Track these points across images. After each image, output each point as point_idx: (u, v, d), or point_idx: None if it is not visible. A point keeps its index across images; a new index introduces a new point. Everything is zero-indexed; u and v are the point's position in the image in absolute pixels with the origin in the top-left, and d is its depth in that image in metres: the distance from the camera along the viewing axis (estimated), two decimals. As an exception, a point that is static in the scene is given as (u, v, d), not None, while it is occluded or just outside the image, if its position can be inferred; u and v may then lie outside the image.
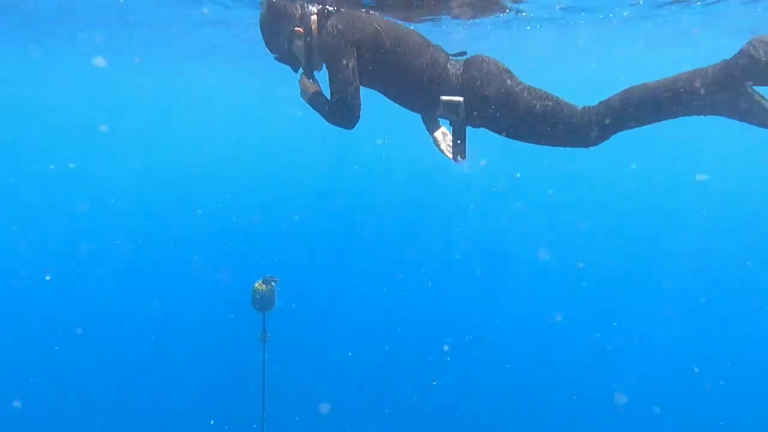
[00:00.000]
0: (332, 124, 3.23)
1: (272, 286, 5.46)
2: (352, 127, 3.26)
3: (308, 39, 3.36)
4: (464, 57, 3.35)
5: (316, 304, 13.61)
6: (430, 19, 7.43)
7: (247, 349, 6.88)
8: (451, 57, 3.34)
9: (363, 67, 3.18)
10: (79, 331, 11.53)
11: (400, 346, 12.34)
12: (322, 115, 3.28)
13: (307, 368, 11.19)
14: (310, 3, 3.48)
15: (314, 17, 3.43)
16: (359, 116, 3.19)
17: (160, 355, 11.30)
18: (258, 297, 5.44)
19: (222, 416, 10.09)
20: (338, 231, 19.75)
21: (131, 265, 15.86)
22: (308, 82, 3.39)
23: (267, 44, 3.63)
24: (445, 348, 12.19)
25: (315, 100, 3.34)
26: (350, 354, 11.85)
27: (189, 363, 11.16)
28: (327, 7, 3.47)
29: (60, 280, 14.31)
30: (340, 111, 3.10)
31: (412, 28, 3.48)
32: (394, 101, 3.46)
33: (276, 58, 3.63)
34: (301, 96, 3.44)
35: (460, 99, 3.10)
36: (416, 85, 3.20)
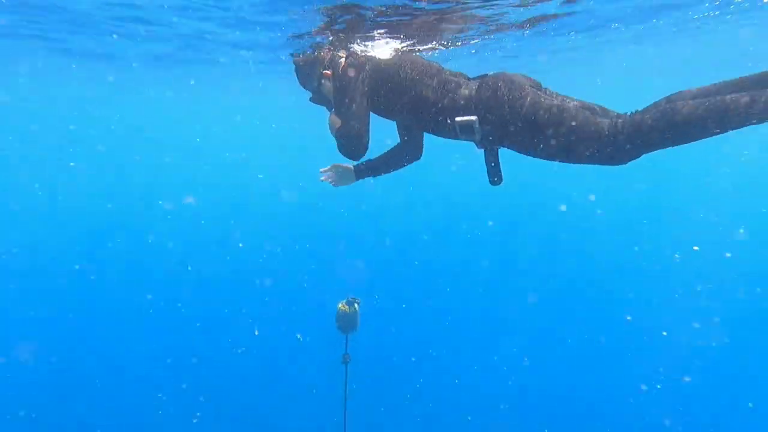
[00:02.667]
0: (341, 154, 3.46)
1: (355, 307, 5.48)
2: (358, 159, 3.49)
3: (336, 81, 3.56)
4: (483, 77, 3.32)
5: (399, 325, 13.55)
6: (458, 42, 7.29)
7: (330, 371, 6.92)
8: (470, 80, 3.33)
9: (382, 100, 3.41)
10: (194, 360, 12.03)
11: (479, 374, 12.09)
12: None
13: (389, 391, 11.16)
14: (340, 48, 3.79)
15: (342, 60, 3.66)
16: (364, 151, 3.40)
17: (243, 374, 11.64)
18: (341, 318, 5.49)
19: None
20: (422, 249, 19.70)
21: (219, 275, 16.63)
22: (336, 119, 3.49)
23: (302, 85, 4.07)
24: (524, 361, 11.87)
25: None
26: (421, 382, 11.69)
27: (274, 382, 11.45)
28: (353, 50, 3.69)
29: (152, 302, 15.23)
30: (345, 146, 3.36)
31: (434, 62, 3.57)
32: (422, 131, 3.58)
33: (310, 99, 3.96)
34: (330, 131, 3.58)
35: (473, 118, 3.05)
36: (429, 112, 3.24)
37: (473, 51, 8.57)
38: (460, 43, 7.43)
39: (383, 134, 4.27)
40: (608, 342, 12.85)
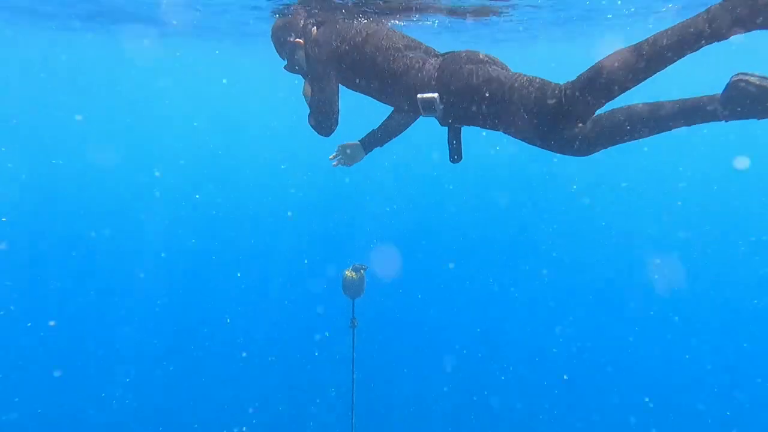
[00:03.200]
0: (311, 127, 3.57)
1: (362, 273, 5.61)
2: (327, 135, 3.60)
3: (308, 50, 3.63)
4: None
5: (404, 295, 13.72)
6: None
7: (338, 334, 7.09)
8: (436, 56, 3.30)
9: (348, 75, 3.47)
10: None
11: (490, 344, 12.27)
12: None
13: (395, 354, 11.41)
14: (311, 17, 3.92)
15: (314, 29, 3.74)
16: (332, 127, 3.54)
17: (254, 339, 11.90)
18: (348, 284, 5.63)
19: (313, 398, 10.56)
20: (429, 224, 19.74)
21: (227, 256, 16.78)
22: (308, 89, 3.59)
23: (278, 53, 4.04)
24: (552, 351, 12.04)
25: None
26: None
27: (282, 347, 11.70)
28: (321, 19, 3.78)
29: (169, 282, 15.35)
30: (315, 121, 3.50)
31: (405, 35, 3.57)
32: (388, 104, 3.58)
33: (285, 67, 3.97)
34: (304, 97, 3.68)
35: (434, 95, 3.08)
36: (396, 86, 3.27)
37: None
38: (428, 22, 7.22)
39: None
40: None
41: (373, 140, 4.08)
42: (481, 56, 3.10)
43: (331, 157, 4.16)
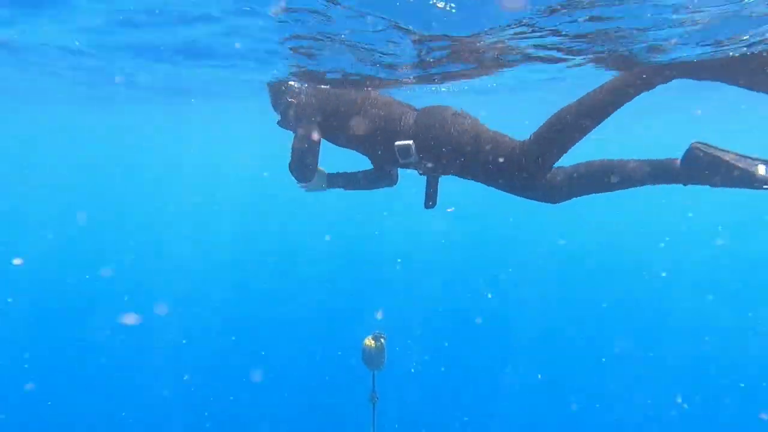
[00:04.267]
0: (290, 172, 3.93)
1: (381, 343, 5.19)
2: (305, 182, 3.99)
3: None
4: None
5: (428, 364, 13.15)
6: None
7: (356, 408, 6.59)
8: (415, 110, 3.70)
9: (334, 129, 3.89)
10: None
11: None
12: None
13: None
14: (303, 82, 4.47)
15: (302, 95, 4.17)
16: (309, 176, 3.92)
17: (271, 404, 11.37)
18: (367, 354, 5.21)
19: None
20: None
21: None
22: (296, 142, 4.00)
23: (273, 107, 4.48)
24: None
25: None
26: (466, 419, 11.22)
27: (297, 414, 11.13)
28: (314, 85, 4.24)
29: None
30: (294, 168, 3.87)
31: (385, 95, 3.98)
32: (370, 155, 3.93)
33: (278, 123, 4.35)
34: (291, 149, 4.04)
35: (410, 142, 3.43)
36: (377, 137, 3.63)
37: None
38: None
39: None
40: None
41: (339, 180, 4.25)
42: (452, 110, 3.48)
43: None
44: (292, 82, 4.43)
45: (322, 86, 4.35)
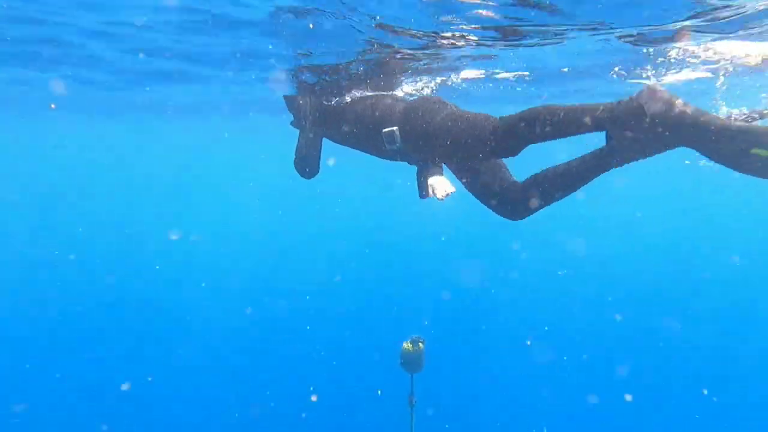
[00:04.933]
0: (295, 169, 4.41)
1: (420, 347, 5.28)
2: (307, 179, 4.45)
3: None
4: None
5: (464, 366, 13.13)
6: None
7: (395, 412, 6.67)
8: (406, 101, 3.83)
9: (334, 125, 4.20)
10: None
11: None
12: None
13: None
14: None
15: (309, 99, 4.72)
16: (312, 174, 4.42)
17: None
18: (406, 358, 5.29)
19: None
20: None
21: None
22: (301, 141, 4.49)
23: (288, 110, 4.94)
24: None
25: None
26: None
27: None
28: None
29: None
30: (299, 166, 4.37)
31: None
32: (365, 149, 4.03)
33: (291, 123, 4.78)
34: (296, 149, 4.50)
35: (394, 128, 3.52)
36: (371, 128, 3.76)
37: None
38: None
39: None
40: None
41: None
42: (435, 99, 3.54)
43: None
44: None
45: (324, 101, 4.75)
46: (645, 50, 5.22)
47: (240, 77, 7.65)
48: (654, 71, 6.11)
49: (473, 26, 4.41)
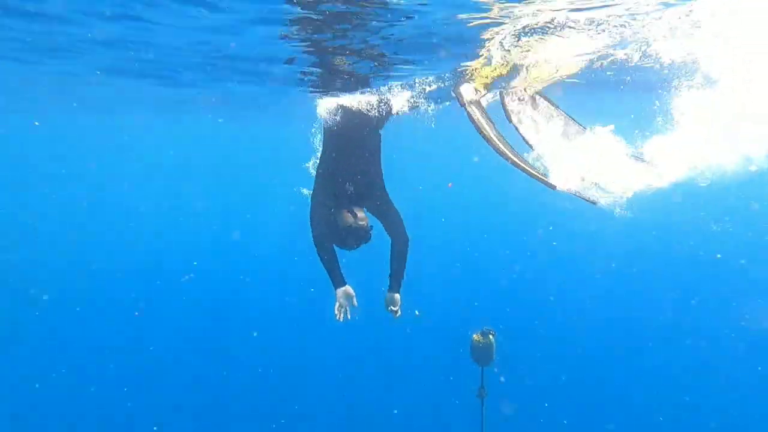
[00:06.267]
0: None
1: (490, 339, 5.17)
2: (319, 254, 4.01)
3: None
4: None
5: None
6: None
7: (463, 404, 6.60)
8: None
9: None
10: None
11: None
12: None
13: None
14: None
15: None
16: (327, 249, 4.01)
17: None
18: (475, 350, 5.21)
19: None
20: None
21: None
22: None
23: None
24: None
25: None
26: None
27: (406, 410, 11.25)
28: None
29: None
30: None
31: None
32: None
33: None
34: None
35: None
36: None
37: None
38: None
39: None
40: None
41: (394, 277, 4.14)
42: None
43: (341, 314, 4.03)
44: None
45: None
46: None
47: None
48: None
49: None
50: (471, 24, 3.91)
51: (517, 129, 3.89)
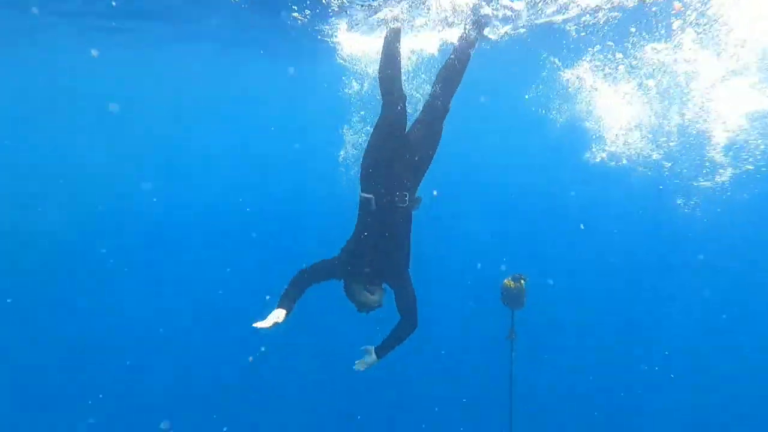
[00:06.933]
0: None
1: (521, 284, 5.34)
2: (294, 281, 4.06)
3: None
4: None
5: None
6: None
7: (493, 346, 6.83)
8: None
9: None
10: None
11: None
12: None
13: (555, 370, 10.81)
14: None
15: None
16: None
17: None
18: (507, 294, 5.40)
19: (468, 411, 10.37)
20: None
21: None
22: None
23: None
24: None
25: None
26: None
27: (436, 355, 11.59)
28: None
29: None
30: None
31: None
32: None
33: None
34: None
35: (371, 195, 4.15)
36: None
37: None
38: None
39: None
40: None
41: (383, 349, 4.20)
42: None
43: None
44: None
45: None
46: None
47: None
48: None
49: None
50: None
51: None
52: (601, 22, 6.13)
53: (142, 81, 15.74)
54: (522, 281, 5.32)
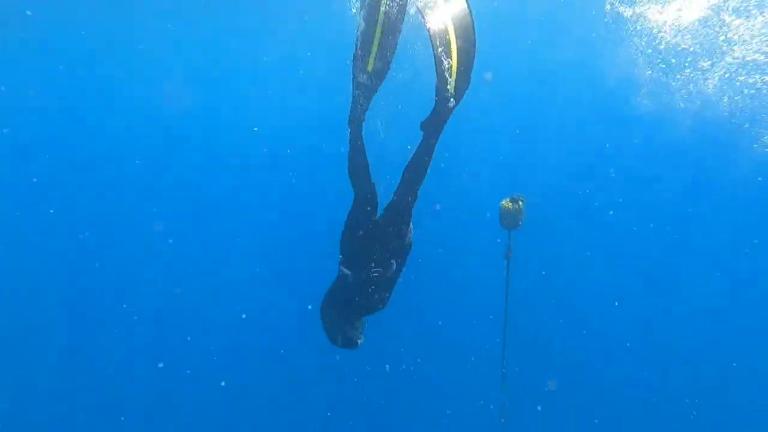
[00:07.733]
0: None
1: (520, 205, 5.45)
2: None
3: None
4: None
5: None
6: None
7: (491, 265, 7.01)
8: None
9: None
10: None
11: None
12: None
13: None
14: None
15: None
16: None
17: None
18: (504, 215, 5.51)
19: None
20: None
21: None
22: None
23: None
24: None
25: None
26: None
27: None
28: None
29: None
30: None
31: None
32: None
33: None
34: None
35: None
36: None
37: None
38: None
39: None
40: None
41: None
42: None
43: None
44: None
45: None
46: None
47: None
48: None
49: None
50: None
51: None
52: None
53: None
54: (520, 202, 5.43)
